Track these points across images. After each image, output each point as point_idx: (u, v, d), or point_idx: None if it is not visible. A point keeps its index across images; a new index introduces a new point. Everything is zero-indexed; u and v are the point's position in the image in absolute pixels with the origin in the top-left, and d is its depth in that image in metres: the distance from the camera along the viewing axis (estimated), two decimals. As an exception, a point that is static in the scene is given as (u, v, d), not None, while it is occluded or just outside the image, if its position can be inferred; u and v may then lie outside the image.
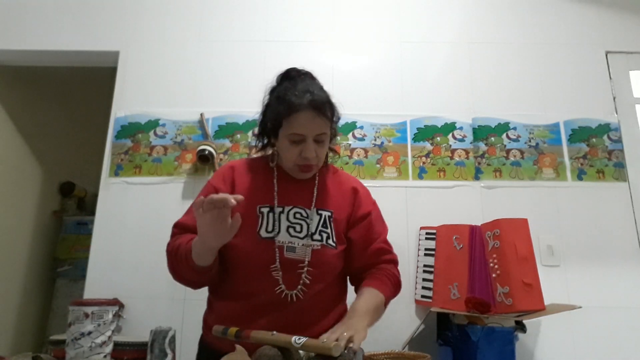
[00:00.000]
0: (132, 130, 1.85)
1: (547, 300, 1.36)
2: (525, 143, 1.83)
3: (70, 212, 2.83)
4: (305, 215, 1.08)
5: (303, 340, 0.82)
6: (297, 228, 1.07)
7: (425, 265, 1.64)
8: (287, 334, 0.87)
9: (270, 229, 1.06)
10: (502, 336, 1.33)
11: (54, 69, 2.16)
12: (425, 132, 1.84)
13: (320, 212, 1.10)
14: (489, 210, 1.73)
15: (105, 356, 1.05)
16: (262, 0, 2.00)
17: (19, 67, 2.13)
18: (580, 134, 1.83)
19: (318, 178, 1.15)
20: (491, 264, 1.45)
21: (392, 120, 1.85)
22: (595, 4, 1.99)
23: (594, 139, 1.83)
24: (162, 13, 1.99)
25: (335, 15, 1.99)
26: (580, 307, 1.39)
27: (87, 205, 2.94)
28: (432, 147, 1.82)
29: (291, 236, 1.05)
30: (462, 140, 1.83)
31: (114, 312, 1.09)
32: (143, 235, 1.72)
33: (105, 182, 1.79)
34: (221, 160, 1.80)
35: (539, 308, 1.34)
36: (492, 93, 1.88)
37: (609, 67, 1.91)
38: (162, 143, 1.83)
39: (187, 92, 1.89)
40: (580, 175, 1.79)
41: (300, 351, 0.84)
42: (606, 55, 1.93)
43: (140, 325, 1.58)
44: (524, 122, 1.85)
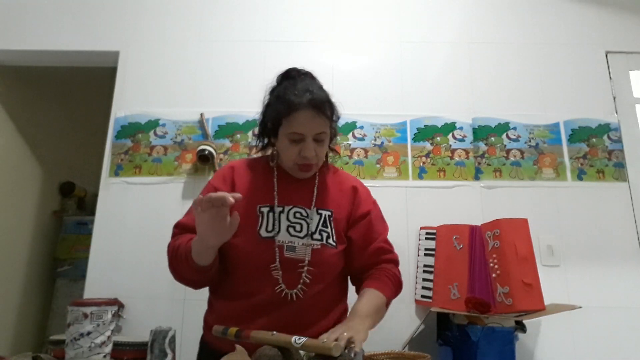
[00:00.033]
0: (132, 130, 1.85)
1: (547, 300, 1.36)
2: (525, 143, 1.83)
3: (70, 212, 2.83)
4: (305, 214, 1.08)
5: (303, 340, 0.82)
6: (297, 227, 1.07)
7: (425, 265, 1.64)
8: (287, 334, 0.87)
9: (270, 228, 1.06)
10: (502, 336, 1.33)
11: (54, 69, 2.16)
12: (425, 132, 1.84)
13: (320, 212, 1.10)
14: (489, 210, 1.73)
15: (105, 356, 1.05)
16: (262, 0, 2.00)
17: (19, 67, 2.13)
18: (580, 134, 1.83)
19: (318, 177, 1.15)
20: (491, 264, 1.45)
21: (392, 120, 1.85)
22: (595, 4, 1.99)
23: (594, 139, 1.83)
24: (162, 13, 1.99)
25: (335, 15, 1.99)
26: (580, 307, 1.39)
27: (87, 205, 2.94)
28: (432, 147, 1.82)
29: (291, 236, 1.05)
30: (462, 140, 1.83)
31: (113, 312, 1.09)
32: (143, 235, 1.72)
33: (105, 182, 1.79)
34: (221, 160, 1.80)
35: (539, 308, 1.34)
36: (492, 93, 1.88)
37: (609, 67, 1.91)
38: (162, 143, 1.83)
39: (187, 92, 1.89)
40: (580, 175, 1.79)
41: (300, 351, 0.84)
42: (606, 55, 1.92)
43: (140, 325, 1.58)
44: (524, 122, 1.85)
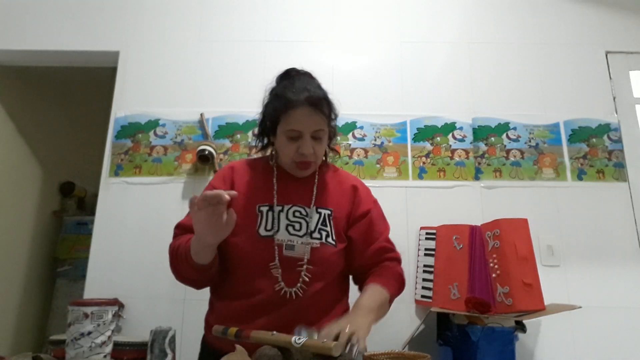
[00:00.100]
0: (132, 130, 1.85)
1: (547, 300, 1.36)
2: (525, 143, 1.83)
3: (70, 212, 2.83)
4: (304, 213, 1.08)
5: (303, 340, 0.82)
6: (297, 226, 1.07)
7: (425, 265, 1.64)
8: (287, 333, 0.87)
9: (269, 227, 1.06)
10: (502, 336, 1.33)
11: (54, 69, 2.16)
12: (425, 132, 1.84)
13: (320, 211, 1.10)
14: (489, 210, 1.73)
15: (105, 356, 1.05)
16: (262, 0, 2.00)
17: (19, 67, 2.13)
18: (580, 134, 1.83)
19: (318, 176, 1.15)
20: (491, 264, 1.45)
21: (392, 120, 1.85)
22: (595, 4, 1.99)
23: (594, 139, 1.83)
24: (162, 13, 1.99)
25: (335, 15, 1.99)
26: (580, 307, 1.39)
27: (87, 205, 2.94)
28: (432, 147, 1.82)
29: (290, 234, 1.05)
30: (462, 140, 1.83)
31: (113, 312, 1.09)
32: (143, 235, 1.72)
33: (105, 182, 1.79)
34: (221, 160, 1.80)
35: (539, 308, 1.34)
36: (492, 93, 1.88)
37: (609, 67, 1.91)
38: (162, 143, 1.83)
39: (187, 92, 1.89)
40: (580, 175, 1.79)
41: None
42: (606, 55, 1.93)
43: (140, 325, 1.58)
44: (524, 122, 1.85)
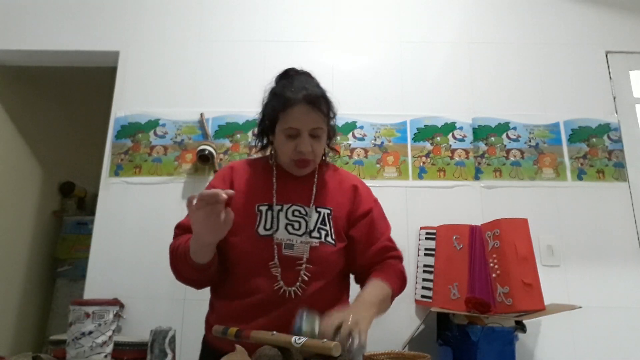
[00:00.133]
0: (132, 130, 1.85)
1: (547, 300, 1.36)
2: (525, 143, 1.83)
3: (70, 212, 2.83)
4: (304, 212, 1.09)
5: (303, 340, 0.82)
6: (296, 225, 1.07)
7: (425, 265, 1.64)
8: (287, 333, 0.87)
9: (268, 226, 1.06)
10: (502, 336, 1.33)
11: (54, 69, 2.16)
12: (425, 132, 1.84)
13: (319, 210, 1.10)
14: (489, 210, 1.73)
15: (106, 356, 1.05)
16: (262, 0, 2.00)
17: (19, 67, 2.13)
18: (580, 134, 1.83)
19: (317, 176, 1.15)
20: (491, 264, 1.45)
21: (392, 120, 1.85)
22: (595, 4, 1.99)
23: (594, 139, 1.83)
24: (162, 13, 1.99)
25: (335, 15, 1.99)
26: (580, 307, 1.39)
27: (87, 205, 2.94)
28: (432, 147, 1.82)
29: (289, 233, 1.05)
30: (462, 140, 1.83)
31: (114, 312, 1.09)
32: (143, 235, 1.72)
33: (105, 182, 1.79)
34: (221, 160, 1.80)
35: (539, 308, 1.34)
36: (492, 93, 1.88)
37: (609, 67, 1.91)
38: (162, 143, 1.83)
39: (187, 92, 1.89)
40: (580, 175, 1.79)
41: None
42: (606, 55, 1.93)
43: (140, 325, 1.58)
44: (524, 122, 1.85)
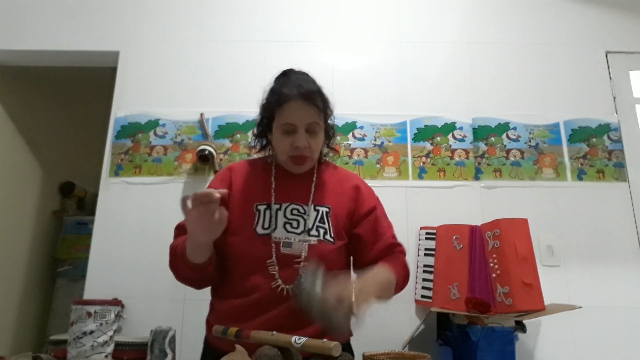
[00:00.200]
0: (132, 130, 1.85)
1: (547, 300, 1.36)
2: (525, 143, 1.83)
3: (70, 212, 2.83)
4: (302, 211, 1.09)
5: (303, 340, 0.82)
6: (294, 224, 1.07)
7: (425, 265, 1.64)
8: (286, 332, 0.87)
9: (266, 225, 1.06)
10: (502, 336, 1.33)
11: (54, 69, 2.16)
12: (425, 132, 1.84)
13: (318, 208, 1.10)
14: (489, 210, 1.73)
15: (107, 356, 1.05)
16: (262, 0, 2.00)
17: (19, 67, 2.13)
18: (580, 134, 1.83)
19: (316, 174, 1.15)
20: (491, 264, 1.45)
21: (392, 120, 1.85)
22: (595, 4, 1.99)
23: (594, 139, 1.83)
24: (162, 13, 1.99)
25: (335, 15, 1.99)
26: (580, 307, 1.39)
27: (87, 205, 2.94)
28: (432, 147, 1.82)
29: (288, 232, 1.06)
30: (462, 140, 1.83)
31: (116, 312, 1.10)
32: (143, 235, 1.72)
33: (105, 182, 1.79)
34: (221, 160, 1.80)
35: (539, 308, 1.34)
36: (492, 93, 1.88)
37: (609, 67, 1.91)
38: (162, 143, 1.83)
39: (187, 92, 1.89)
40: (580, 175, 1.79)
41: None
42: (606, 55, 1.92)
43: (140, 325, 1.58)
44: (524, 122, 1.85)
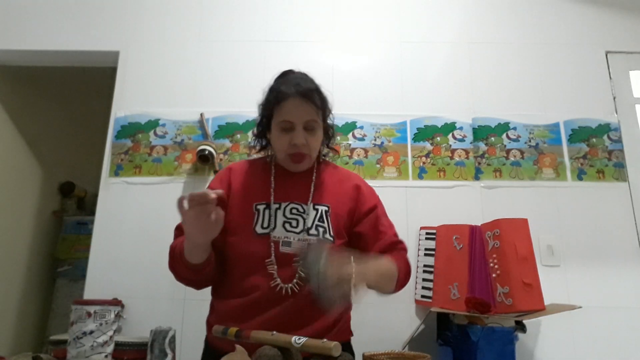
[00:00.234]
0: (132, 130, 1.85)
1: (547, 300, 1.36)
2: (525, 143, 1.83)
3: (70, 212, 2.83)
4: (301, 210, 1.09)
5: (303, 340, 0.82)
6: (293, 223, 1.07)
7: (425, 265, 1.64)
8: (286, 332, 0.87)
9: (265, 225, 1.06)
10: (502, 336, 1.33)
11: (54, 69, 2.16)
12: (425, 132, 1.84)
13: (317, 207, 1.10)
14: (489, 210, 1.73)
15: (107, 356, 1.05)
16: (262, 0, 2.00)
17: (19, 67, 2.13)
18: (580, 134, 1.83)
19: (315, 173, 1.15)
20: (491, 264, 1.45)
21: (392, 120, 1.85)
22: (595, 4, 1.99)
23: (594, 139, 1.83)
24: (162, 13, 1.99)
25: (335, 15, 1.99)
26: (580, 307, 1.39)
27: (87, 205, 2.94)
28: (432, 147, 1.82)
29: (287, 231, 1.06)
30: (462, 140, 1.83)
31: (116, 312, 1.09)
32: (143, 235, 1.71)
33: (105, 182, 1.79)
34: (221, 160, 1.80)
35: (539, 308, 1.34)
36: (492, 93, 1.88)
37: (609, 67, 1.91)
38: (162, 143, 1.83)
39: (187, 92, 1.89)
40: (580, 175, 1.79)
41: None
42: (606, 55, 1.92)
43: (140, 325, 1.58)
44: (524, 122, 1.85)
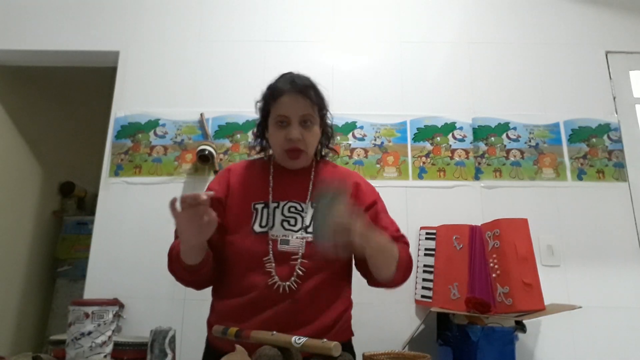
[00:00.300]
0: (132, 130, 1.85)
1: (547, 300, 1.36)
2: (525, 143, 1.83)
3: (70, 212, 2.83)
4: (300, 209, 1.09)
5: (303, 340, 0.82)
6: (292, 222, 1.07)
7: (425, 265, 1.64)
8: (286, 331, 0.87)
9: (264, 223, 1.07)
10: (502, 336, 1.33)
11: (54, 69, 2.16)
12: (425, 132, 1.84)
13: (315, 205, 1.10)
14: (489, 210, 1.73)
15: (106, 356, 1.05)
16: (262, 0, 2.00)
17: (19, 67, 2.13)
18: (580, 134, 1.83)
19: (314, 172, 1.16)
20: (491, 264, 1.45)
21: (392, 120, 1.85)
22: (595, 4, 1.99)
23: (594, 139, 1.82)
24: (162, 13, 1.99)
25: (335, 15, 1.99)
26: (580, 307, 1.39)
27: (87, 205, 2.94)
28: (432, 147, 1.82)
29: (285, 230, 1.06)
30: (462, 140, 1.83)
31: (114, 312, 1.09)
32: (143, 235, 1.72)
33: (105, 182, 1.79)
34: (221, 160, 1.80)
35: (539, 308, 1.34)
36: (492, 93, 1.88)
37: (609, 67, 1.91)
38: (162, 143, 1.83)
39: (187, 92, 1.89)
40: (580, 175, 1.79)
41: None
42: (606, 55, 1.92)
43: (140, 325, 1.58)
44: (524, 122, 1.85)
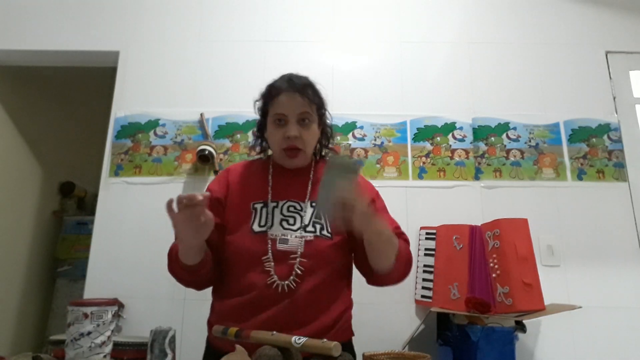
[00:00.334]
0: (132, 130, 1.85)
1: (547, 300, 1.37)
2: (525, 143, 1.83)
3: (70, 212, 2.83)
4: (299, 208, 1.09)
5: (303, 340, 0.82)
6: (291, 221, 1.07)
7: (425, 265, 1.64)
8: (286, 331, 0.87)
9: (262, 223, 1.07)
10: (502, 336, 1.33)
11: (54, 69, 2.16)
12: (425, 132, 1.84)
13: (314, 204, 1.10)
14: (489, 210, 1.73)
15: (105, 356, 1.05)
16: (262, 0, 2.00)
17: (19, 67, 2.13)
18: (580, 134, 1.83)
19: (313, 171, 1.16)
20: (491, 264, 1.45)
21: (392, 120, 1.85)
22: (595, 4, 1.99)
23: (594, 139, 1.82)
24: (162, 13, 1.99)
25: (335, 15, 1.99)
26: (580, 307, 1.39)
27: (87, 205, 2.94)
28: (432, 147, 1.82)
29: (284, 229, 1.06)
30: (462, 140, 1.83)
31: (113, 312, 1.09)
32: (143, 235, 1.72)
33: (105, 182, 1.79)
34: (221, 160, 1.80)
35: (539, 308, 1.34)
36: (492, 93, 1.88)
37: (609, 67, 1.91)
38: (162, 143, 1.83)
39: (187, 92, 1.89)
40: (580, 175, 1.79)
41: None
42: (606, 55, 1.92)
43: (140, 325, 1.58)
44: (524, 122, 1.85)
